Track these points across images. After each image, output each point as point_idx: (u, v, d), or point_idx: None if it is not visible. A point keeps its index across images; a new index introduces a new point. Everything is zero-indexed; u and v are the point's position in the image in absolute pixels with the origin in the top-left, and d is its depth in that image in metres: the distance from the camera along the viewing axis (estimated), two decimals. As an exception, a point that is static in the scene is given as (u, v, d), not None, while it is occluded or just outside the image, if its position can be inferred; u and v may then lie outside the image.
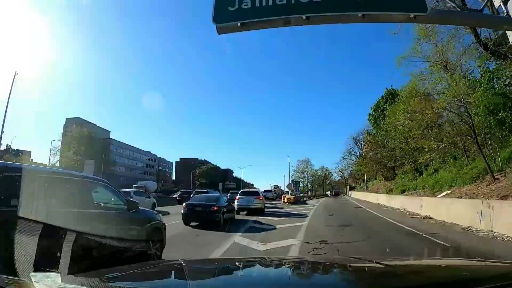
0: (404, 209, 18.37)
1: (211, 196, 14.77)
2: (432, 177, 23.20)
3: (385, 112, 40.05)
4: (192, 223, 11.62)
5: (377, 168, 39.69)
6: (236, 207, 16.30)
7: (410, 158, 30.52)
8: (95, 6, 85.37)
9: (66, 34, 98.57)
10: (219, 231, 10.21)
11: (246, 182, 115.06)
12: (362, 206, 24.10)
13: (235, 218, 14.27)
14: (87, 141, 70.09)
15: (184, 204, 11.81)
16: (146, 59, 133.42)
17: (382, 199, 26.64)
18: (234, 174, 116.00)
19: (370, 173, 45.56)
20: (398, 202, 20.82)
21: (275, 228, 11.17)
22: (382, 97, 42.74)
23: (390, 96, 41.42)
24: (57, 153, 68.14)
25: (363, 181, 57.87)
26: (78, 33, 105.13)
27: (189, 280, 1.58)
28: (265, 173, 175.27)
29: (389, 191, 30.05)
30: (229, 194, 26.63)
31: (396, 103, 34.70)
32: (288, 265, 2.21)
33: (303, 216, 16.21)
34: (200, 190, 31.51)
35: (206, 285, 1.64)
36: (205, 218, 11.18)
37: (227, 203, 13.15)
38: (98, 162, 68.92)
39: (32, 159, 73.33)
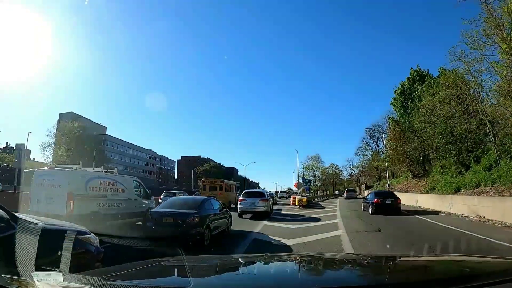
0: (480, 217, 12.15)
1: (191, 199, 9.78)
2: (499, 170, 16.79)
3: (413, 95, 33.74)
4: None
5: (406, 163, 32.96)
6: (238, 210, 15.19)
7: (453, 149, 23.99)
8: (95, 5, 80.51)
9: (66, 33, 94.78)
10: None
11: (251, 181, 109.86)
12: (406, 212, 17.71)
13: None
14: (79, 137, 65.13)
15: (148, 212, 8.04)
16: (149, 58, 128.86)
17: (424, 200, 20.32)
18: (239, 173, 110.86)
19: (396, 169, 38.96)
20: (460, 205, 14.55)
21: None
22: (408, 78, 36.30)
23: (418, 77, 35.05)
24: (47, 149, 64.02)
25: (380, 179, 51.27)
26: (78, 32, 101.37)
27: (191, 278, 1.49)
28: (272, 171, 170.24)
29: (430, 190, 23.61)
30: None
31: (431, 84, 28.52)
32: (289, 261, 2.25)
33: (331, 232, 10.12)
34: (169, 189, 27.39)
35: (208, 282, 1.59)
36: (178, 235, 6.98)
37: (218, 210, 8.89)
38: (91, 159, 64.31)
39: (33, 158, 69.89)
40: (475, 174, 19.02)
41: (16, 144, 18.86)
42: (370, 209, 16.38)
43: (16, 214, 3.24)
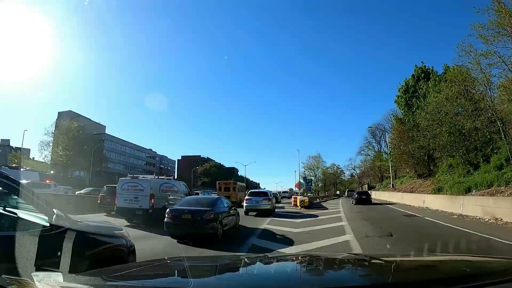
0: (497, 220, 11.29)
1: (205, 198, 11.12)
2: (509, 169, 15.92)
3: (418, 92, 32.81)
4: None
5: (411, 162, 32.03)
6: (244, 208, 16.34)
7: (460, 147, 23.07)
8: (95, 5, 79.61)
9: (66, 32, 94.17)
10: (214, 249, 6.82)
11: (251, 181, 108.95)
12: (414, 213, 16.83)
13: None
14: (78, 136, 64.22)
15: (168, 209, 8.66)
16: (149, 58, 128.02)
17: (432, 201, 19.43)
18: (239, 173, 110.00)
19: (399, 169, 38.07)
20: (473, 207, 13.67)
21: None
22: (412, 76, 35.33)
23: (423, 74, 34.11)
24: (45, 148, 63.08)
25: (382, 179, 50.34)
26: (79, 32, 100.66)
27: (191, 278, 1.46)
28: (272, 172, 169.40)
29: (437, 191, 22.70)
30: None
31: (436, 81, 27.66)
32: (289, 261, 2.24)
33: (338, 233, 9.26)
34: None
35: (208, 282, 1.59)
36: (195, 230, 8.00)
37: (227, 208, 9.71)
38: (89, 159, 63.56)
39: (33, 158, 69.06)
40: (486, 174, 18.12)
41: (1, 140, 18.01)
42: (353, 201, 25.71)
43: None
